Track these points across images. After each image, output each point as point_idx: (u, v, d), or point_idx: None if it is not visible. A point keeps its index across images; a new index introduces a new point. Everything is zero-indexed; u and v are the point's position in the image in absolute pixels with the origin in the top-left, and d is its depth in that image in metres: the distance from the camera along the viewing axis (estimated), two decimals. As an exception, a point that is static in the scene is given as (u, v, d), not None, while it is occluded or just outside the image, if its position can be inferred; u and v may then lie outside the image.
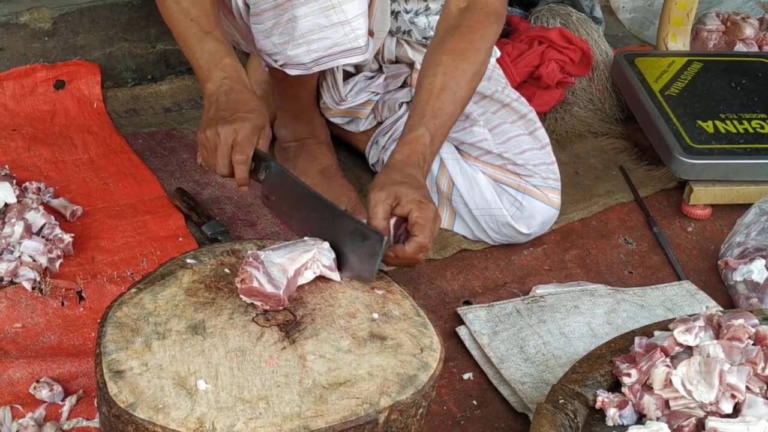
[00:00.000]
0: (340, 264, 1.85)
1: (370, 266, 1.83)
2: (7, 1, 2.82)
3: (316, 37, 2.17)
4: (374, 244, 1.82)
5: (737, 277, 2.40)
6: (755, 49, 3.36)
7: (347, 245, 1.84)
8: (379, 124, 2.60)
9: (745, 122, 2.83)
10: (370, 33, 2.28)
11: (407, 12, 2.50)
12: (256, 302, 1.74)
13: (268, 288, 1.73)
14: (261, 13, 2.20)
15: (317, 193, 1.93)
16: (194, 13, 2.07)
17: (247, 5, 2.25)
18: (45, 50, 2.82)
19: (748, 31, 3.38)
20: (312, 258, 1.81)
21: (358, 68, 2.57)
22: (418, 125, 2.07)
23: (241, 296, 1.75)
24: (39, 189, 2.44)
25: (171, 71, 3.02)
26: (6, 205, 2.32)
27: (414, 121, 2.08)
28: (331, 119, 2.62)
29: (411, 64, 2.58)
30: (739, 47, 3.34)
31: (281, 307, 1.74)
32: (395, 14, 2.49)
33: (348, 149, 2.73)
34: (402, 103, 2.57)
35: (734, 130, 2.79)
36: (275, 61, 2.26)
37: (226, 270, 1.83)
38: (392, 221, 1.94)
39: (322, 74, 2.47)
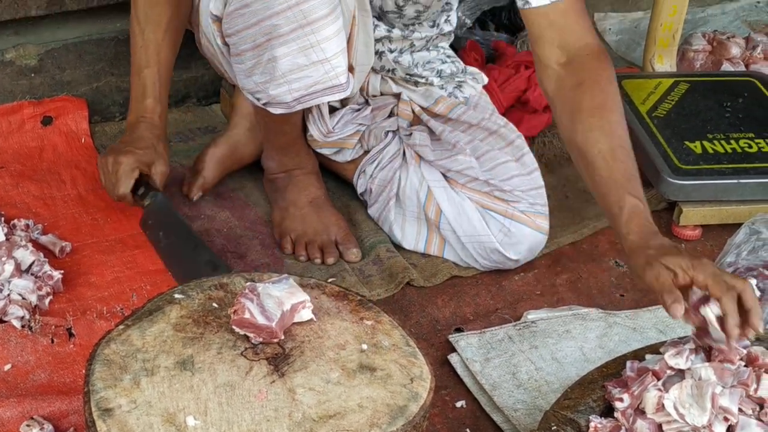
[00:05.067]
0: None
1: None
2: (-9, 38, 2.82)
3: (297, 76, 2.17)
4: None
5: (729, 297, 2.39)
6: (742, 68, 3.36)
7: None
8: (366, 152, 2.60)
9: (733, 142, 2.83)
10: (351, 68, 2.28)
11: (391, 51, 2.51)
12: (249, 334, 1.73)
13: (260, 320, 1.72)
14: (241, 54, 2.21)
15: (193, 233, 2.39)
16: (144, 40, 2.34)
17: (226, 45, 2.25)
18: (32, 87, 2.82)
19: (735, 51, 3.38)
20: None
21: (344, 102, 2.58)
22: (621, 198, 1.96)
23: (234, 327, 1.74)
24: (27, 226, 2.42)
25: (158, 104, 3.01)
26: (-6, 243, 2.31)
27: (614, 197, 1.97)
28: (318, 150, 2.61)
29: (397, 95, 2.59)
30: (726, 67, 3.35)
31: (275, 340, 1.73)
32: (379, 54, 2.50)
33: (335, 178, 2.73)
34: (388, 132, 2.58)
35: (722, 150, 2.79)
36: (258, 99, 2.26)
37: (214, 304, 1.82)
38: (695, 296, 1.82)
39: (308, 108, 2.48)
